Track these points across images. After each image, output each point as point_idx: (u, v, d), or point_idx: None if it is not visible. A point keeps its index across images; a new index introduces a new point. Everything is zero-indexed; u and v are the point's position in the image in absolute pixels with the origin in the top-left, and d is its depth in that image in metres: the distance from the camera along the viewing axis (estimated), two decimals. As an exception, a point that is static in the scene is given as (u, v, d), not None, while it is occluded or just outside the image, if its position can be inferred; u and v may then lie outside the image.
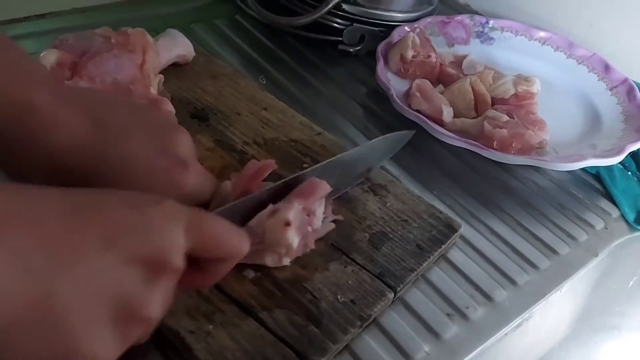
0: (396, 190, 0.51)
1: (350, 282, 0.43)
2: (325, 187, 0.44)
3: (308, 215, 0.43)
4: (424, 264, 0.46)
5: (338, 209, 0.48)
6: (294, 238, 0.41)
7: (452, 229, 0.49)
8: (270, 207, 0.42)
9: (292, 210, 0.41)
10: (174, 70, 0.59)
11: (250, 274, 0.42)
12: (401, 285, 0.44)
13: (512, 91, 0.62)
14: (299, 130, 0.56)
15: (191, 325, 0.38)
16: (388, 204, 0.50)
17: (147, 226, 0.29)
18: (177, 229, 0.30)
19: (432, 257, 0.47)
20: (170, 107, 0.48)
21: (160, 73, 0.56)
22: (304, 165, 0.52)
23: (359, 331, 0.41)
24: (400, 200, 0.51)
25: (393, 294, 0.44)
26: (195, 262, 0.32)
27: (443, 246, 0.48)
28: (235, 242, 0.34)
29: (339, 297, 0.42)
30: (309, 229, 0.43)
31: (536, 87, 0.62)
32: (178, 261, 0.30)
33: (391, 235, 0.47)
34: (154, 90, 0.50)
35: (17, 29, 0.64)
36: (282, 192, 0.44)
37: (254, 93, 0.59)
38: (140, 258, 0.29)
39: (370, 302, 0.42)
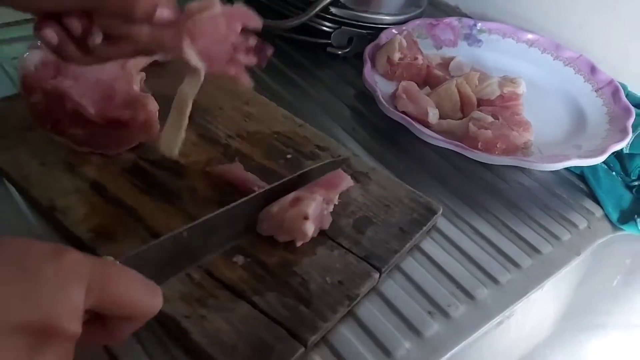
0: (377, 177, 0.53)
1: (337, 265, 0.45)
2: (348, 180, 0.48)
3: (327, 204, 0.46)
4: (407, 245, 0.48)
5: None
6: (310, 229, 0.44)
7: (431, 211, 0.51)
8: (292, 194, 0.45)
9: (314, 204, 0.44)
10: (154, 69, 0.59)
11: (240, 259, 0.44)
12: (386, 266, 0.46)
13: (498, 92, 0.63)
14: (281, 122, 0.58)
15: (186, 310, 0.40)
16: (370, 191, 0.52)
17: (37, 291, 0.27)
18: (73, 290, 0.28)
19: (414, 238, 0.49)
20: (153, 105, 0.49)
21: (141, 71, 0.57)
22: (287, 156, 0.54)
23: (347, 309, 0.43)
24: (382, 187, 0.52)
25: (378, 274, 0.45)
26: (99, 316, 0.30)
27: (424, 228, 0.50)
28: (145, 302, 0.31)
29: (327, 279, 0.44)
30: (325, 212, 0.46)
31: (521, 89, 0.63)
32: (72, 326, 0.27)
33: (374, 220, 0.49)
34: (136, 88, 0.51)
35: (10, 32, 0.65)
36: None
37: (235, 88, 0.61)
38: (27, 326, 0.26)
39: (357, 283, 0.44)
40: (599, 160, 0.58)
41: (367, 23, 0.71)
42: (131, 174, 0.49)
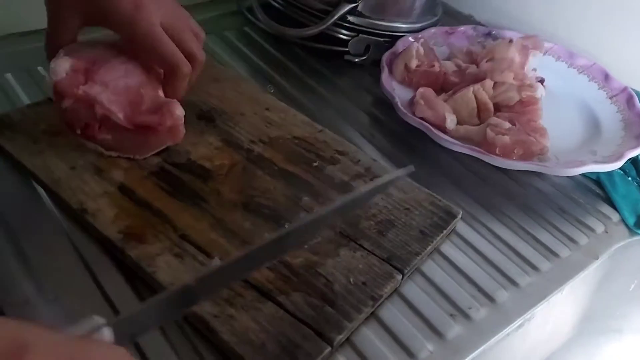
0: (397, 182, 0.54)
1: (360, 266, 0.46)
2: None
3: None
4: (428, 248, 0.49)
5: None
6: None
7: (451, 215, 0.52)
8: None
9: None
10: None
11: None
12: (408, 268, 0.47)
13: (517, 98, 0.64)
14: (301, 128, 0.59)
15: (214, 310, 0.41)
16: (390, 194, 0.53)
17: None
18: None
19: (435, 241, 0.50)
20: (179, 110, 0.50)
21: None
22: (314, 164, 0.55)
23: (372, 310, 0.44)
24: (402, 190, 0.53)
25: (401, 276, 0.46)
26: None
27: (444, 231, 0.51)
28: None
29: (351, 279, 0.45)
30: None
31: (539, 92, 0.64)
32: None
33: (395, 223, 0.50)
34: (162, 94, 0.52)
35: (33, 40, 0.66)
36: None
37: (255, 95, 0.62)
38: None
39: (380, 284, 0.45)
40: (616, 166, 0.58)
41: (384, 31, 0.73)
42: (158, 178, 0.50)
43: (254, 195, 0.50)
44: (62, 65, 0.49)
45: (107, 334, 0.28)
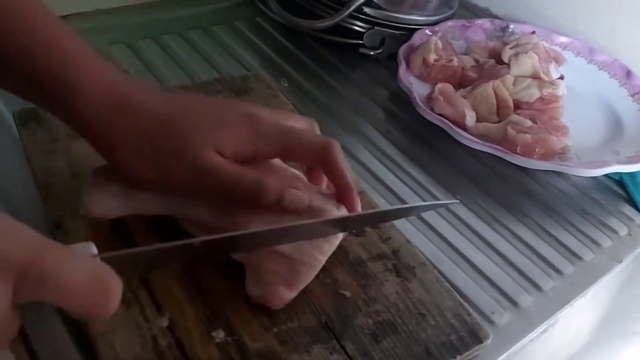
0: (424, 276, 0.44)
1: None
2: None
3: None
4: None
5: (348, 283, 0.42)
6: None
7: (476, 338, 0.40)
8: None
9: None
10: (234, 98, 0.57)
11: (220, 335, 0.37)
12: None
13: (538, 95, 0.62)
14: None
15: None
16: (409, 290, 0.43)
17: None
18: None
19: None
20: None
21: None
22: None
23: None
24: (425, 289, 0.43)
25: None
26: None
27: (458, 357, 0.39)
28: (94, 300, 0.26)
29: None
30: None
31: (561, 90, 0.62)
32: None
33: (399, 329, 0.40)
34: None
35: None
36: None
37: (275, 106, 0.56)
38: None
39: None
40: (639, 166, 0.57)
41: (400, 24, 0.71)
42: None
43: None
44: None
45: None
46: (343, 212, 0.41)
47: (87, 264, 0.26)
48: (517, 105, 0.63)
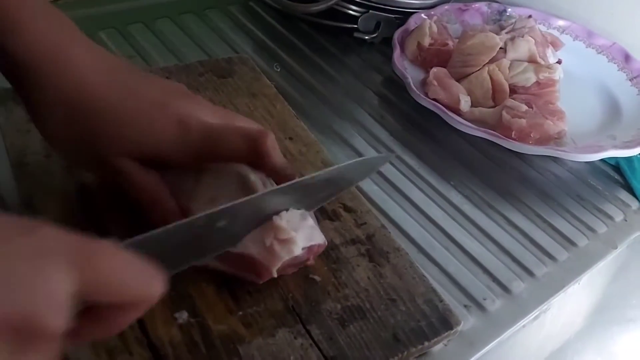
0: (397, 261, 0.43)
1: (292, 358, 0.36)
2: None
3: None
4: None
5: (319, 267, 0.41)
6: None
7: (446, 324, 0.40)
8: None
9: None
10: (217, 81, 0.56)
11: (183, 317, 0.37)
12: None
13: (534, 79, 0.61)
14: (316, 168, 0.49)
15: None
16: (381, 275, 0.42)
17: (8, 279, 0.21)
18: (53, 274, 0.22)
19: (406, 353, 0.38)
20: None
21: (203, 83, 0.55)
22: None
23: None
24: (398, 275, 0.42)
25: None
26: (90, 306, 0.25)
27: (426, 343, 0.39)
28: (142, 286, 0.26)
29: None
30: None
31: (558, 74, 0.61)
32: (55, 321, 0.22)
33: (367, 314, 0.39)
34: None
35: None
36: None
37: (286, 119, 0.54)
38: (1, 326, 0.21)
39: None
40: (636, 151, 0.56)
41: (395, 7, 0.70)
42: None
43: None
44: None
45: None
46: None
47: (134, 257, 0.26)
48: (513, 90, 0.62)
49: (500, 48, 0.65)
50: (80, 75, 0.36)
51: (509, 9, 0.75)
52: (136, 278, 0.25)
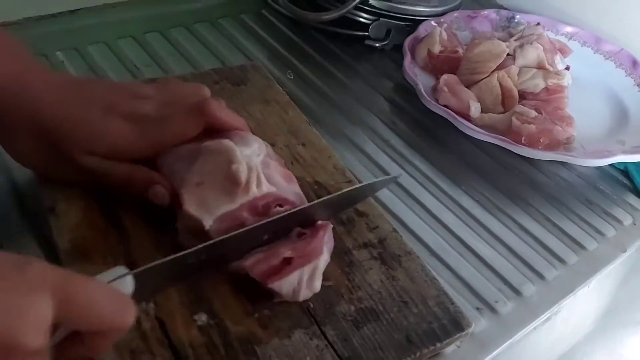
0: (409, 265, 0.44)
1: (308, 358, 0.37)
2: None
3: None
4: None
5: (332, 271, 0.42)
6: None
7: (457, 326, 0.41)
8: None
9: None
10: (231, 89, 0.57)
11: (203, 319, 0.38)
12: None
13: (543, 85, 0.62)
14: (329, 173, 0.50)
15: None
16: (393, 278, 0.43)
17: (1, 307, 0.25)
18: (35, 301, 0.25)
19: (418, 354, 0.39)
20: None
21: (218, 91, 0.56)
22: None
23: None
24: (410, 278, 0.43)
25: None
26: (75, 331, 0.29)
27: (438, 344, 0.39)
28: (114, 316, 0.29)
29: None
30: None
31: (566, 80, 0.62)
32: (35, 341, 0.25)
33: (381, 316, 0.40)
34: None
35: (49, 25, 0.65)
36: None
37: (299, 125, 0.55)
38: None
39: None
40: (645, 156, 0.57)
41: (406, 15, 0.71)
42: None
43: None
44: None
45: (129, 282, 0.32)
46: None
47: (103, 284, 0.30)
48: (522, 96, 0.63)
49: (509, 55, 0.66)
50: (34, 98, 0.41)
51: (518, 16, 0.76)
52: (107, 310, 0.28)
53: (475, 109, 0.60)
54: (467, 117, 0.60)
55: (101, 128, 0.42)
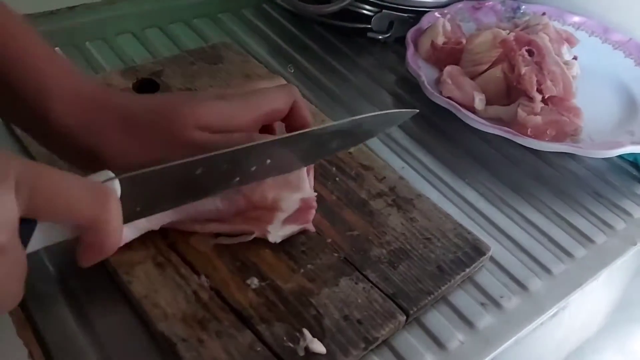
0: (422, 206, 0.48)
1: (359, 300, 0.41)
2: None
3: None
4: (443, 287, 0.43)
5: (356, 221, 0.46)
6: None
7: (479, 251, 0.45)
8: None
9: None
10: (209, 68, 0.58)
11: (255, 282, 0.41)
12: (414, 309, 0.41)
13: (547, 76, 0.60)
14: None
15: (185, 332, 0.37)
16: (412, 220, 0.47)
17: None
18: (1, 196, 0.24)
19: (452, 281, 0.43)
20: None
21: (198, 71, 0.56)
22: (336, 179, 0.50)
23: (363, 354, 0.38)
24: (426, 217, 0.47)
25: (405, 317, 0.40)
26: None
27: (467, 269, 0.44)
28: (84, 204, 0.27)
29: (345, 315, 0.39)
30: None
31: (575, 71, 0.61)
32: (2, 236, 0.24)
33: (411, 254, 0.44)
34: None
35: (47, 22, 0.65)
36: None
37: None
38: None
39: (378, 324, 0.39)
40: (655, 146, 0.55)
41: (409, 6, 0.70)
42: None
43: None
44: None
45: (116, 185, 0.32)
46: None
47: (84, 179, 0.29)
48: (528, 87, 0.61)
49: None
50: (118, 94, 0.41)
51: (523, 6, 0.74)
52: (83, 200, 0.27)
53: (479, 101, 0.59)
54: (471, 109, 0.58)
55: (206, 102, 0.40)
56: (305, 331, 0.38)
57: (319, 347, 0.37)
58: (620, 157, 0.60)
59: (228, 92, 0.43)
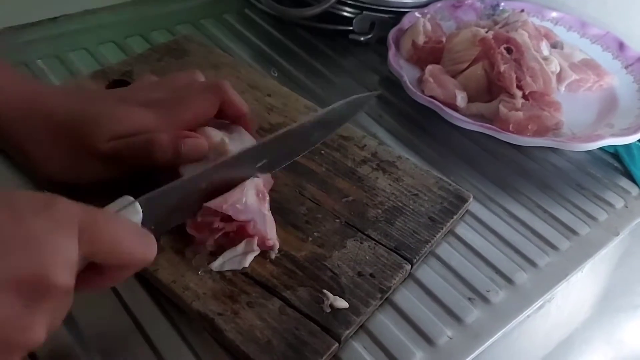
0: (404, 166, 0.53)
1: (367, 257, 0.44)
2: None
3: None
4: (438, 235, 0.47)
5: (348, 188, 0.50)
6: None
7: (462, 199, 0.50)
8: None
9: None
10: (176, 62, 0.60)
11: (271, 255, 0.43)
12: (417, 257, 0.45)
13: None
14: (304, 113, 0.57)
15: (219, 307, 0.40)
16: (398, 180, 0.51)
17: (27, 244, 0.25)
18: (64, 240, 0.26)
19: (444, 228, 0.48)
20: None
21: (165, 67, 0.57)
22: (321, 152, 0.52)
23: (380, 302, 0.42)
24: (410, 175, 0.52)
25: (410, 266, 0.45)
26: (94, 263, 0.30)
27: (455, 216, 0.49)
28: (138, 251, 0.30)
29: (358, 272, 0.43)
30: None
31: (554, 66, 0.62)
32: (63, 279, 0.26)
33: (403, 210, 0.49)
34: None
35: (29, 33, 0.65)
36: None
37: (256, 80, 0.60)
38: (17, 282, 0.25)
39: (388, 275, 0.43)
40: (634, 138, 0.56)
41: (389, 7, 0.70)
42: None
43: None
44: None
45: (137, 209, 0.34)
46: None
47: (129, 220, 0.32)
48: (509, 83, 0.62)
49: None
50: (48, 101, 0.42)
51: (502, 4, 0.75)
52: (132, 246, 0.30)
53: (461, 99, 0.59)
54: (453, 107, 0.59)
55: (120, 113, 0.42)
56: (326, 292, 0.41)
57: (341, 303, 0.41)
58: (601, 149, 0.61)
59: (153, 97, 0.44)
